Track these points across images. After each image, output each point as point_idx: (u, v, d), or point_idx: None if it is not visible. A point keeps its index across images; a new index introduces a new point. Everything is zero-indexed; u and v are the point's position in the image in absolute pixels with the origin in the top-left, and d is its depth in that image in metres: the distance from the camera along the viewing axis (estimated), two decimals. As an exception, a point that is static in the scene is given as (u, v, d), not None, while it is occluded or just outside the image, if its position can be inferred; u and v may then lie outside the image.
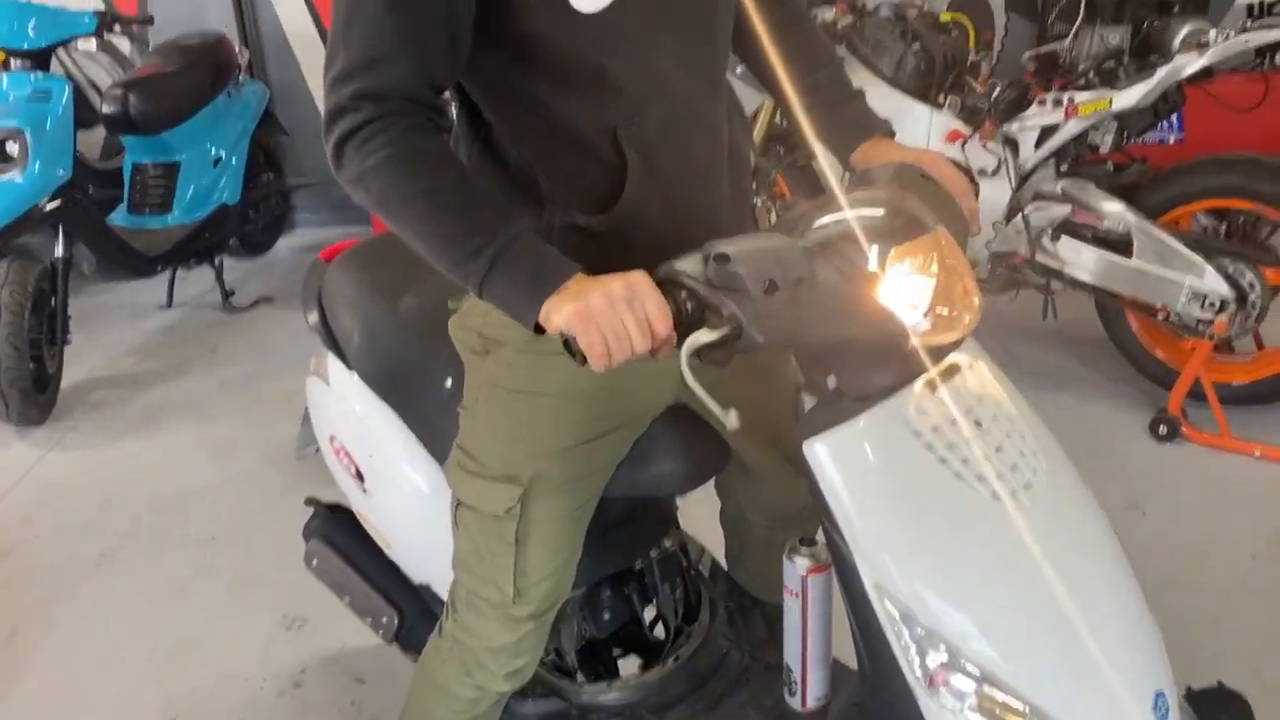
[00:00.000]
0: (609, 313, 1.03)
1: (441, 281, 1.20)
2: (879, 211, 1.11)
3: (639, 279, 1.05)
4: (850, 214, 1.10)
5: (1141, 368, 3.14)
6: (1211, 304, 2.81)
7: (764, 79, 1.48)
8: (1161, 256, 2.85)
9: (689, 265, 1.06)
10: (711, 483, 1.64)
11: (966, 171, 3.16)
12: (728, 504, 1.75)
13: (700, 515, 1.85)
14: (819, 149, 1.46)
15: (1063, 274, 3.04)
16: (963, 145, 3.11)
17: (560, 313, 1.06)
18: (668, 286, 1.06)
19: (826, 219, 1.12)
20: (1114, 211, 2.91)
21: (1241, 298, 2.82)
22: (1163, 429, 2.89)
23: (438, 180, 1.14)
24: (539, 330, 1.11)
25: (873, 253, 1.07)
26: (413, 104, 1.15)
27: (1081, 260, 3.00)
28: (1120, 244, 2.93)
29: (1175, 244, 2.82)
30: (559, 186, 1.26)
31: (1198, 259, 2.80)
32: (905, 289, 1.08)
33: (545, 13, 1.16)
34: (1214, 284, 2.79)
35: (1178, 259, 2.82)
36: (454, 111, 1.33)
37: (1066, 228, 3.01)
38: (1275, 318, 2.90)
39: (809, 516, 1.21)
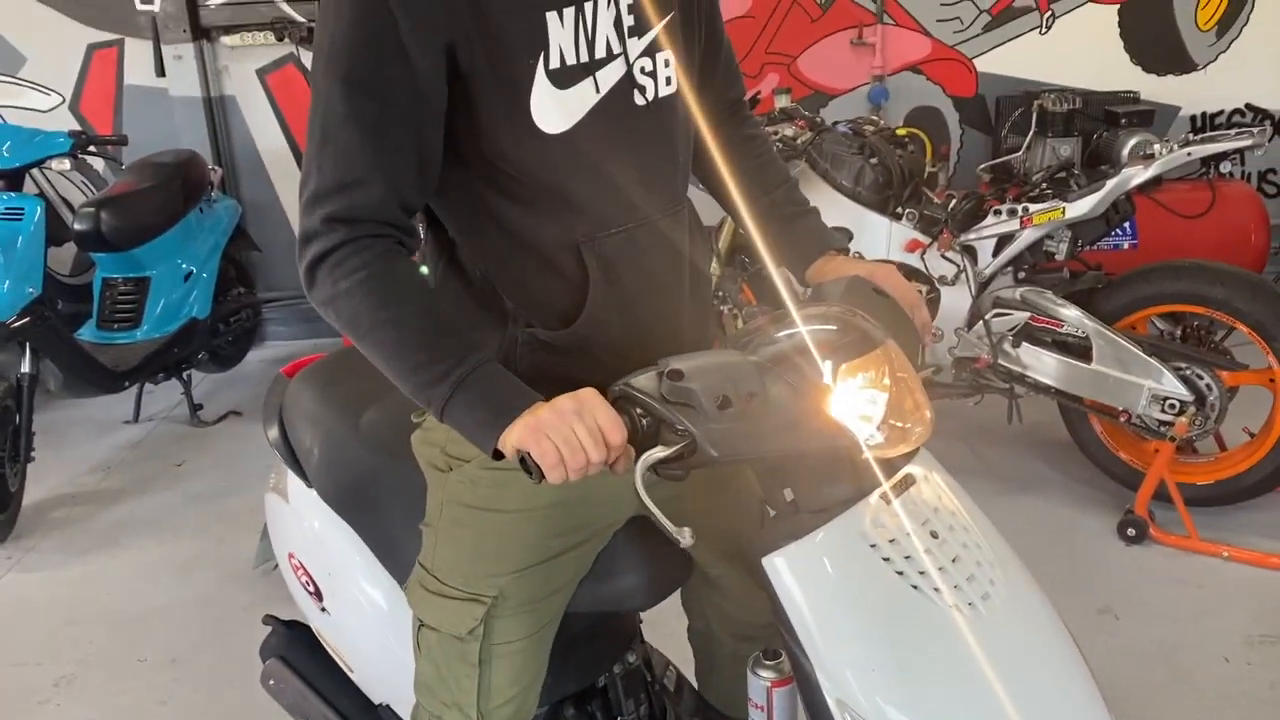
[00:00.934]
0: (560, 424, 1.05)
1: (402, 396, 1.21)
2: (831, 327, 1.14)
3: (589, 394, 1.08)
4: (803, 329, 1.13)
5: (1106, 469, 3.16)
6: (1171, 406, 2.86)
7: (721, 198, 1.52)
8: (1120, 361, 2.91)
9: (644, 382, 1.08)
10: (680, 597, 1.63)
11: (928, 279, 3.24)
12: (695, 620, 1.74)
13: (672, 630, 1.83)
14: (771, 264, 1.49)
15: (1025, 378, 3.09)
16: (922, 254, 3.19)
17: (514, 433, 1.08)
18: (623, 403, 1.08)
19: (779, 334, 1.15)
20: (1072, 317, 2.98)
21: (1200, 400, 2.87)
22: (1131, 531, 2.91)
23: (405, 307, 1.16)
24: (497, 455, 1.12)
25: (825, 367, 1.09)
26: (384, 226, 1.18)
27: (1043, 365, 3.05)
28: (1080, 348, 3.00)
29: (1133, 348, 2.89)
30: (522, 302, 1.29)
31: (1155, 363, 2.86)
32: (857, 402, 1.11)
33: (512, 133, 1.20)
34: (1173, 387, 2.85)
35: (1136, 363, 2.88)
36: (422, 229, 1.36)
37: (1027, 333, 3.08)
38: (1234, 419, 2.96)
39: (775, 632, 1.21)
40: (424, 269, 1.35)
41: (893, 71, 4.60)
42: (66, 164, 3.69)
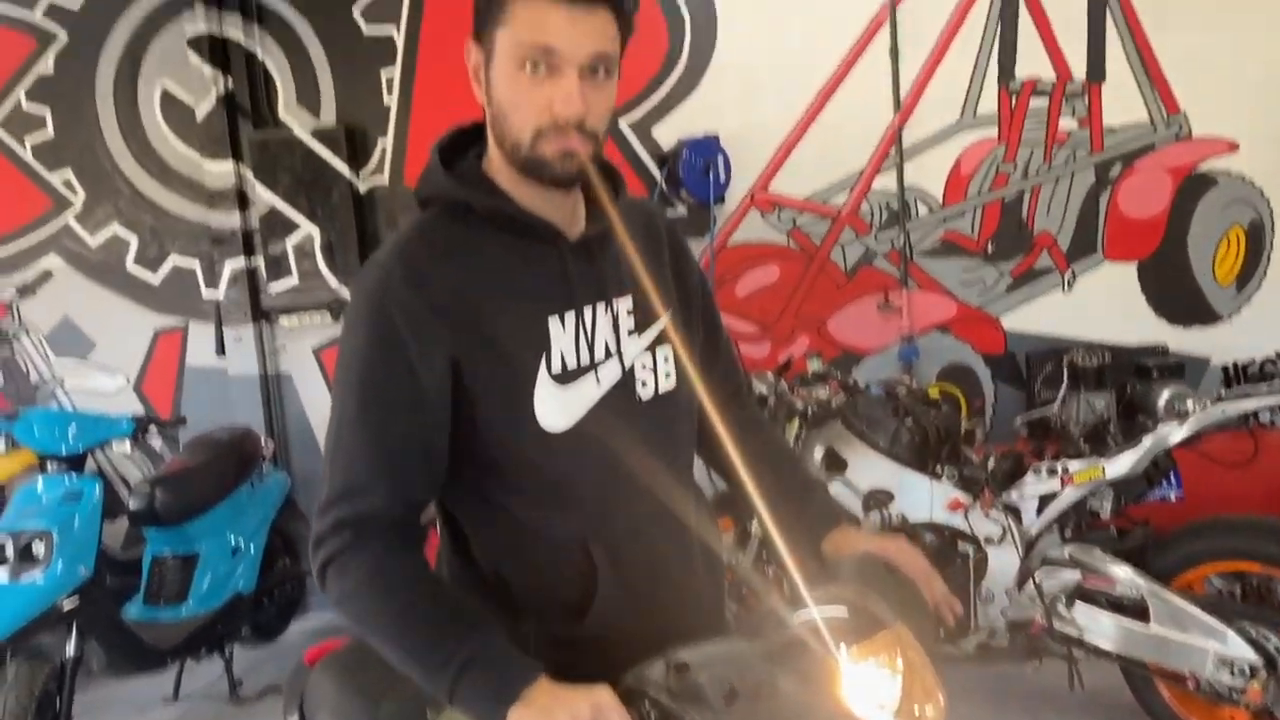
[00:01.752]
0: None
1: (418, 685, 1.24)
2: (840, 609, 1.15)
3: (603, 696, 1.08)
4: (814, 612, 1.14)
5: (1181, 739, 3.00)
6: (1241, 670, 2.74)
7: (729, 480, 1.55)
8: (1179, 622, 2.81)
9: (652, 674, 1.08)
10: None
11: (973, 540, 3.18)
12: None
13: None
14: (782, 548, 1.49)
15: (1083, 642, 2.99)
16: (965, 514, 3.17)
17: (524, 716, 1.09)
18: (632, 698, 1.08)
19: (790, 618, 1.15)
20: (1124, 577, 2.92)
21: (1271, 663, 2.75)
22: (1215, 809, 2.73)
23: (408, 599, 1.22)
24: None
25: (836, 651, 1.09)
26: (389, 527, 1.25)
27: (1100, 627, 2.96)
28: (1137, 609, 2.91)
29: (1191, 609, 2.80)
30: (532, 596, 1.32)
31: (1217, 624, 2.76)
32: (870, 687, 1.10)
33: (515, 432, 1.27)
34: (1239, 649, 2.74)
35: (1196, 624, 2.79)
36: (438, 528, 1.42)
37: (1080, 593, 3.01)
38: (1309, 681, 2.82)
39: None
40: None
41: (921, 331, 4.73)
42: (127, 446, 3.83)
